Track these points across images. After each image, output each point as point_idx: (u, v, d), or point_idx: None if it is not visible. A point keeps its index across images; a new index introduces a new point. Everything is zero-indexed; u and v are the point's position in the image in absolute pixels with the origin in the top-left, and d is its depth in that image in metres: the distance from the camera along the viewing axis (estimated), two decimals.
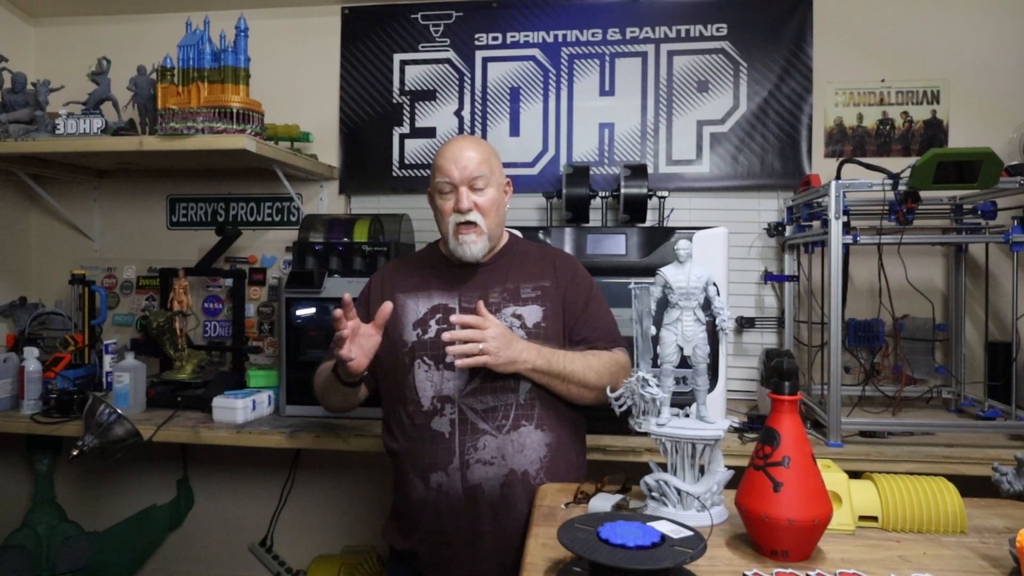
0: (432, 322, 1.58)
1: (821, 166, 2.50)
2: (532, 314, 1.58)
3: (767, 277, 2.48)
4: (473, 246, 1.57)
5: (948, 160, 1.78)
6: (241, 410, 2.16)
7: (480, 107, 2.69)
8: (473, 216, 1.56)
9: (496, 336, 1.45)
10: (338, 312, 1.47)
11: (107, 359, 2.42)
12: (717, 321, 1.27)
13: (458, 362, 1.44)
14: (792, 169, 2.51)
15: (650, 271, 1.36)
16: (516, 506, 1.48)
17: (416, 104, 2.73)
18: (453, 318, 1.47)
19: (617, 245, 2.07)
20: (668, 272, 1.29)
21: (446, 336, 1.44)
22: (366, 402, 1.71)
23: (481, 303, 1.51)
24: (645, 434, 1.26)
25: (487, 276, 1.63)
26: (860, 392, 2.17)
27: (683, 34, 2.59)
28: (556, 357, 1.53)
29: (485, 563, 1.49)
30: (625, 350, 1.62)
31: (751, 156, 2.55)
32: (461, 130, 2.71)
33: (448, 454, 1.49)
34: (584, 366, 1.54)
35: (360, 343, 1.50)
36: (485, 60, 2.69)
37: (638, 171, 2.36)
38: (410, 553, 1.58)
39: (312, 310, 2.25)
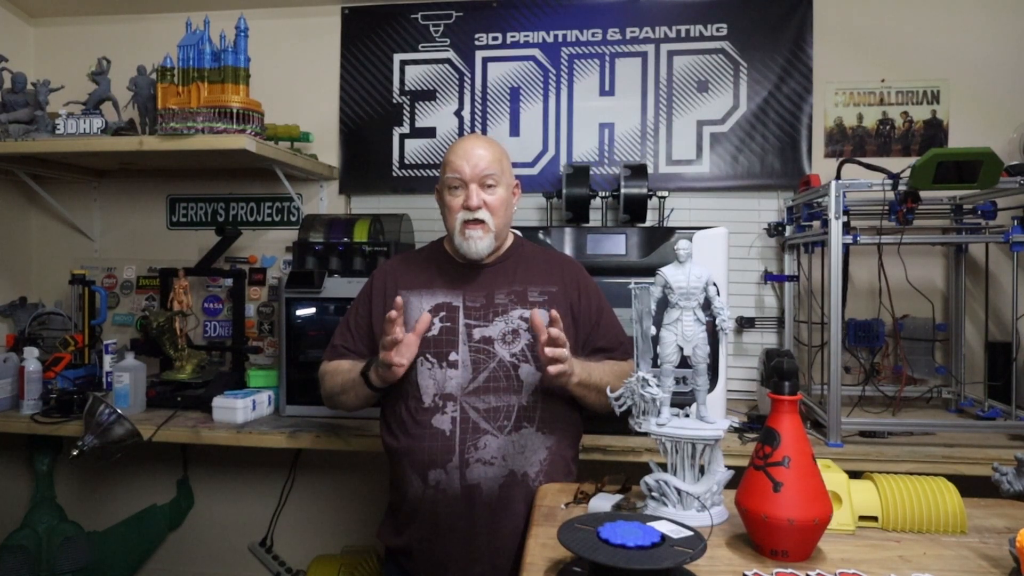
0: (435, 320, 1.58)
1: (821, 166, 2.50)
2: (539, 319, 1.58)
3: (767, 277, 2.48)
4: (479, 242, 1.57)
5: (948, 160, 1.78)
6: (241, 410, 2.16)
7: (480, 107, 2.69)
8: (482, 214, 1.56)
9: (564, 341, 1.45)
10: (393, 314, 1.45)
11: (107, 359, 2.42)
12: (717, 321, 1.27)
13: (552, 368, 1.42)
14: (792, 169, 2.51)
15: (650, 271, 1.36)
16: (514, 507, 1.48)
17: (416, 104, 2.73)
18: (536, 316, 1.44)
19: (617, 245, 2.07)
20: (668, 272, 1.29)
21: (545, 337, 1.41)
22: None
23: (535, 312, 1.49)
24: (645, 434, 1.26)
25: (492, 276, 1.63)
26: (860, 392, 2.17)
27: (683, 34, 2.59)
28: (593, 370, 1.55)
29: (478, 564, 1.48)
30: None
31: (751, 156, 2.55)
32: (461, 130, 2.71)
33: (448, 452, 1.49)
34: (612, 378, 1.55)
35: (402, 351, 1.49)
36: (485, 60, 2.69)
37: (638, 171, 2.36)
38: (404, 551, 1.57)
39: (312, 310, 2.25)
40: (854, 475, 1.24)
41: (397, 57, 2.73)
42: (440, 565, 1.51)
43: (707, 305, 1.28)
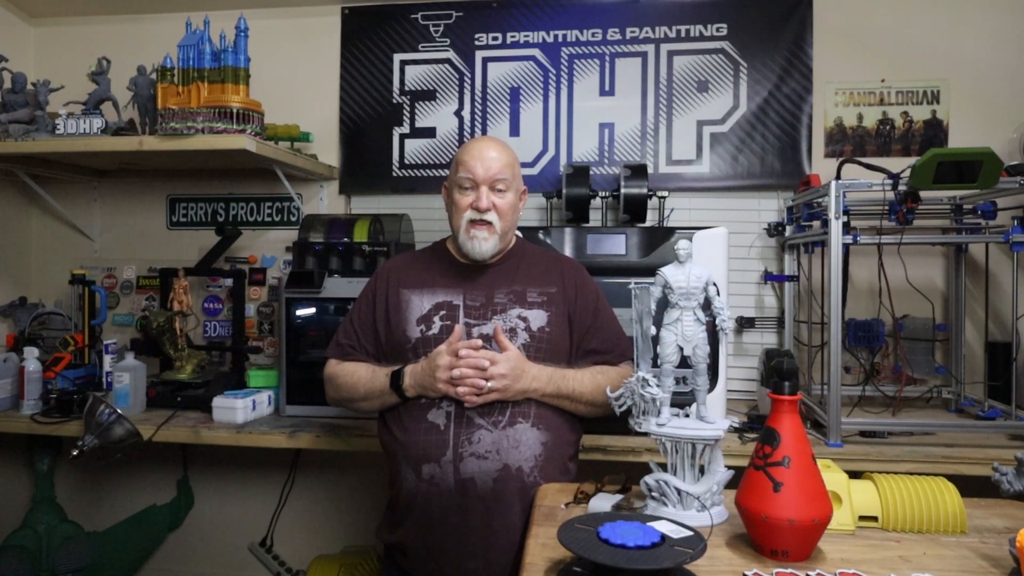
0: (436, 319, 1.59)
1: (821, 166, 2.50)
2: (537, 318, 1.59)
3: (767, 277, 2.48)
4: (484, 243, 1.59)
5: (948, 160, 1.78)
6: (241, 410, 2.16)
7: (480, 107, 2.69)
8: (490, 216, 1.58)
9: (506, 372, 1.48)
10: (464, 354, 1.47)
11: (107, 359, 2.42)
12: (717, 321, 1.27)
13: (466, 402, 1.47)
14: (792, 169, 2.51)
15: (650, 271, 1.36)
16: (507, 502, 1.47)
17: (416, 104, 2.73)
18: (461, 349, 1.47)
19: (617, 245, 2.07)
20: (668, 272, 1.29)
21: (455, 374, 1.47)
22: None
23: (499, 328, 1.53)
24: (645, 434, 1.26)
25: (493, 276, 1.64)
26: (860, 392, 2.17)
27: (683, 34, 2.59)
28: (566, 381, 1.56)
29: (472, 559, 1.49)
30: (631, 361, 1.63)
31: (751, 156, 2.55)
32: (461, 130, 2.71)
33: (442, 446, 1.49)
34: (593, 387, 1.57)
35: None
36: (485, 60, 2.69)
37: (638, 171, 2.36)
38: (399, 547, 1.58)
39: (312, 310, 2.25)
40: (854, 475, 1.24)
41: (397, 57, 2.73)
42: (434, 560, 1.52)
43: (707, 305, 1.28)
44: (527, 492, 1.45)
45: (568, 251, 2.07)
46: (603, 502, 1.30)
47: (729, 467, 1.25)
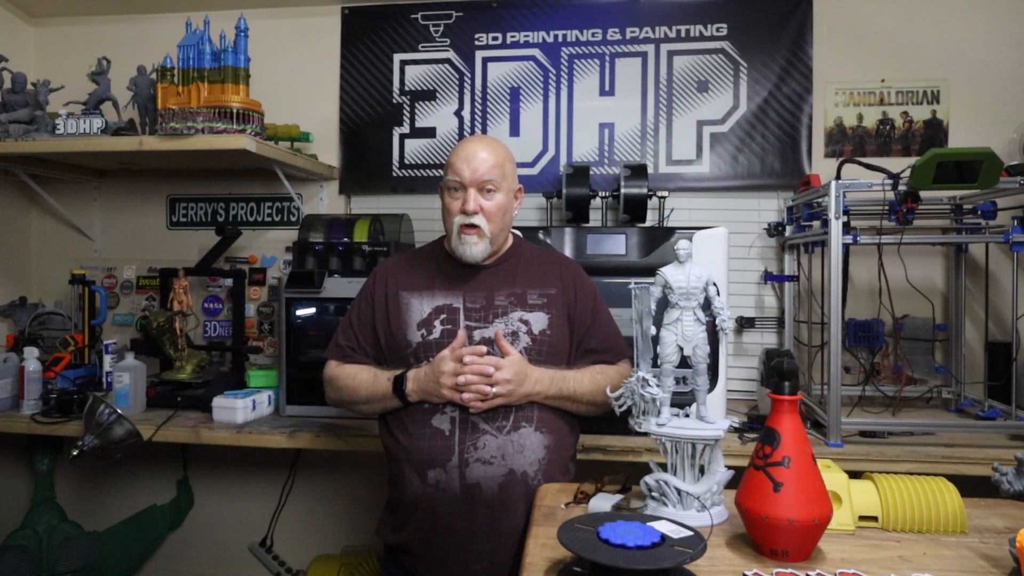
0: (436, 323, 1.59)
1: (821, 166, 2.50)
2: (538, 321, 1.59)
3: (767, 277, 2.48)
4: (474, 247, 1.58)
5: (948, 160, 1.78)
6: (241, 410, 2.16)
7: (480, 107, 2.69)
8: (477, 219, 1.57)
9: (510, 377, 1.48)
10: (468, 359, 1.48)
11: (107, 359, 2.42)
12: (717, 321, 1.28)
13: (472, 408, 1.48)
14: (792, 169, 2.51)
15: (650, 271, 1.36)
16: (513, 506, 1.48)
17: (416, 104, 2.73)
18: (466, 355, 1.48)
19: (617, 245, 2.07)
20: (668, 272, 1.29)
21: (460, 380, 1.47)
22: None
23: (500, 332, 1.53)
24: (645, 434, 1.26)
25: (492, 278, 1.64)
26: (860, 392, 2.17)
27: (683, 34, 2.59)
28: (567, 383, 1.56)
29: (477, 562, 1.49)
30: (628, 360, 1.65)
31: (751, 156, 2.55)
32: (461, 130, 2.71)
33: (447, 452, 1.49)
34: (593, 387, 1.57)
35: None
36: (485, 60, 2.69)
37: (638, 171, 2.36)
38: (402, 548, 1.58)
39: (312, 310, 2.25)
40: (854, 475, 1.24)
41: (397, 57, 2.73)
42: (439, 563, 1.52)
43: (707, 305, 1.28)
44: (531, 495, 1.45)
45: (568, 251, 2.07)
46: (603, 502, 1.30)
47: (729, 467, 1.25)
